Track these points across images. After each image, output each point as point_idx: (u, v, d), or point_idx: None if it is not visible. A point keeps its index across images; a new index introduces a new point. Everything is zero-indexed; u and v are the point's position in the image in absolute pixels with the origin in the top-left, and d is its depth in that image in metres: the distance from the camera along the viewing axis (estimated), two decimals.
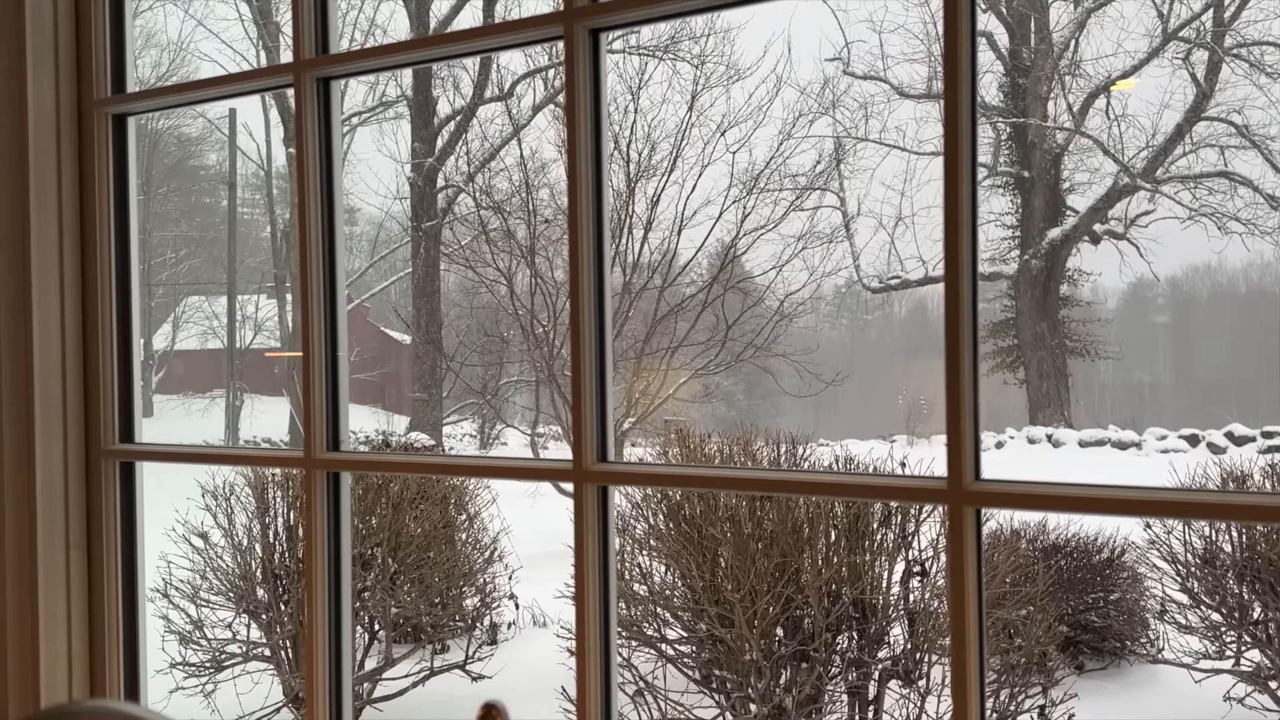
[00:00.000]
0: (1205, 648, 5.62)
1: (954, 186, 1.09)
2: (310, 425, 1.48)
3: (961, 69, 1.09)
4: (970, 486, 1.06)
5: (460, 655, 6.32)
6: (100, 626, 1.68)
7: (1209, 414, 17.42)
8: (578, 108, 1.31)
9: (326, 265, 1.49)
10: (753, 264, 12.82)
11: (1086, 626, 6.31)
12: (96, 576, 1.68)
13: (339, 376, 1.50)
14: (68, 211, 1.67)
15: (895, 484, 1.16)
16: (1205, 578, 5.59)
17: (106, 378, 1.70)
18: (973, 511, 1.06)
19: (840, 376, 13.16)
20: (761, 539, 4.77)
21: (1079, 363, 18.06)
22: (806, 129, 13.08)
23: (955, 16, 1.09)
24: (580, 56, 1.30)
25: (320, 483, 1.48)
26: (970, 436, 1.08)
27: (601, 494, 1.34)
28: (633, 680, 5.06)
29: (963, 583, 1.04)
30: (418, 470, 1.51)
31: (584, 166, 1.31)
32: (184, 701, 5.84)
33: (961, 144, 1.09)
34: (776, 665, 4.72)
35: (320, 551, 1.47)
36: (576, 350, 1.30)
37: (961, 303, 1.08)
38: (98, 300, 1.69)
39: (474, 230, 12.95)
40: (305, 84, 1.49)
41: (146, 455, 1.68)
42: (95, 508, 1.68)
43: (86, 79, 1.67)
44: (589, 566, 1.32)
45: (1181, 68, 16.81)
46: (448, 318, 15.95)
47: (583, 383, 1.31)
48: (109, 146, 1.69)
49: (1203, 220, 16.60)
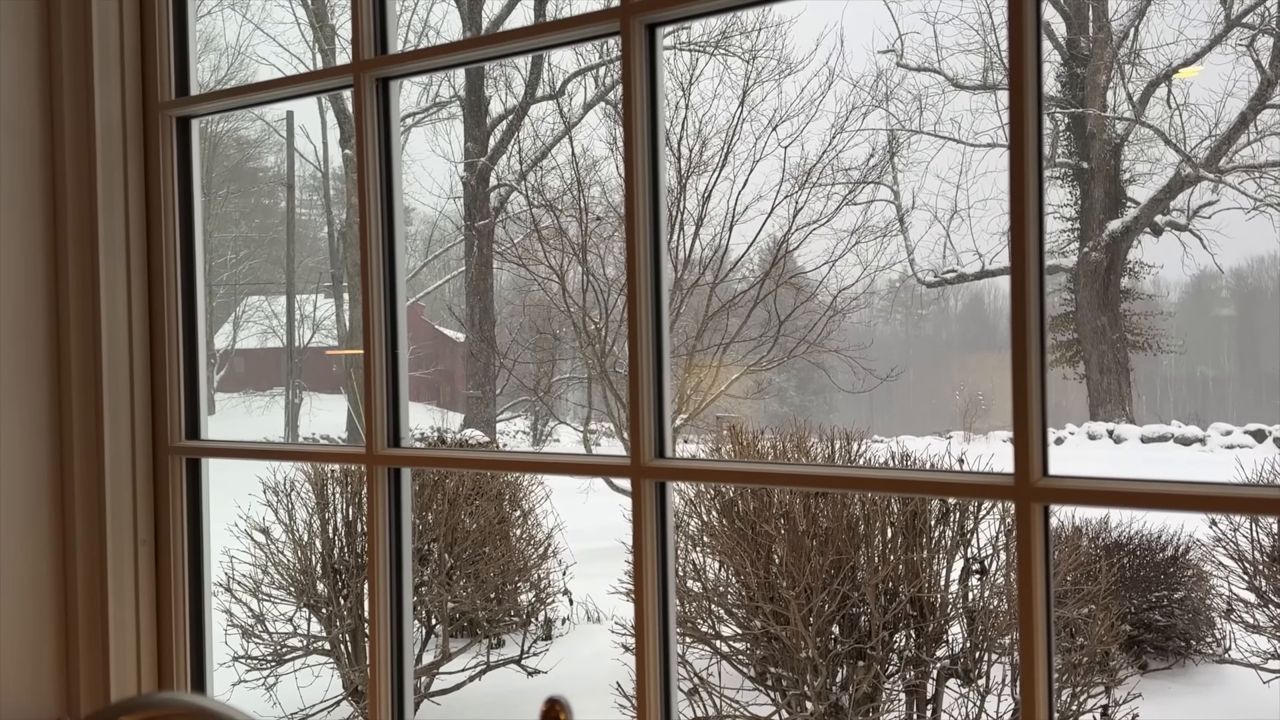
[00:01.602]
0: (1274, 647, 5.49)
1: (1019, 177, 1.07)
2: (371, 422, 1.50)
3: (1027, 58, 1.07)
4: (1038, 483, 1.04)
5: (516, 650, 6.37)
6: (168, 620, 1.71)
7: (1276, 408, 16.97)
8: (635, 103, 1.31)
9: (386, 263, 1.50)
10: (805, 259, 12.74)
11: (1150, 625, 6.19)
12: (164, 571, 1.72)
13: (399, 373, 1.51)
14: (134, 212, 1.71)
15: (961, 480, 1.14)
16: (1274, 576, 5.46)
17: (173, 376, 1.73)
18: (1040, 508, 1.04)
19: (895, 372, 13.03)
20: (816, 536, 4.74)
21: (1141, 357, 17.69)
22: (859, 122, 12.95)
23: (1020, 6, 1.07)
24: (636, 52, 1.30)
25: (382, 478, 1.49)
26: (1038, 431, 1.05)
27: (659, 490, 1.33)
28: (688, 677, 5.06)
29: (1031, 580, 1.02)
30: (478, 466, 1.52)
31: (641, 161, 1.30)
32: (246, 694, 5.96)
33: (1028, 133, 1.07)
34: (833, 663, 4.69)
35: (382, 546, 1.48)
36: (634, 346, 1.30)
37: (1029, 293, 1.06)
38: (164, 299, 1.72)
39: (526, 228, 13.02)
40: (365, 84, 1.51)
41: (211, 452, 1.71)
42: (162, 503, 1.72)
43: (151, 82, 1.70)
44: (648, 563, 1.32)
45: (1245, 54, 16.37)
46: (500, 315, 16.07)
47: (640, 378, 1.31)
48: (174, 148, 1.72)
49: (1268, 210, 16.16)
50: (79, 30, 1.64)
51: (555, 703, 0.81)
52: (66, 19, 1.63)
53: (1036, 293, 1.06)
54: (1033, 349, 1.05)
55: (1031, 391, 1.05)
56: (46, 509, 1.63)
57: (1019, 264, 1.05)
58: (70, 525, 1.64)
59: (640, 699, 1.30)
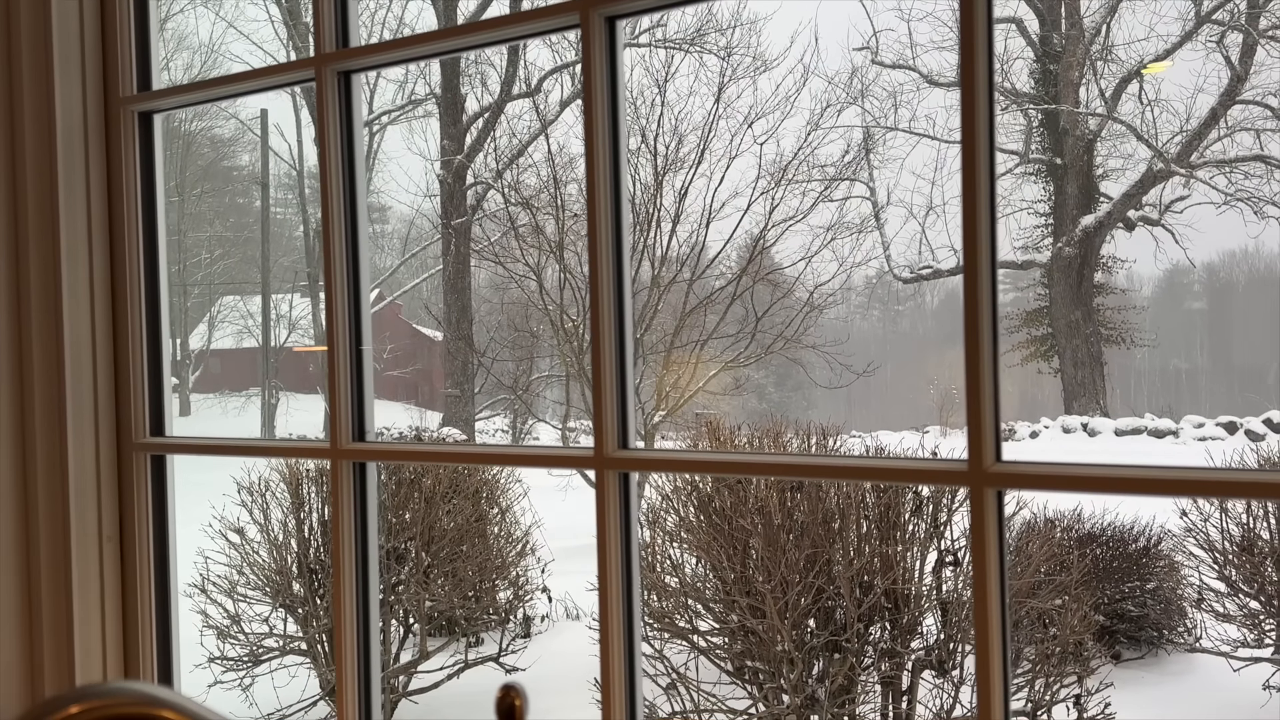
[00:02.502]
0: (1244, 636, 5.56)
1: (971, 170, 1.09)
2: (336, 416, 1.50)
3: (978, 52, 1.09)
4: (991, 468, 1.05)
5: (494, 648, 6.37)
6: (134, 618, 1.71)
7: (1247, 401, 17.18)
8: (595, 97, 1.31)
9: (350, 258, 1.50)
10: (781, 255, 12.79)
11: (1123, 616, 6.25)
12: (129, 568, 1.71)
13: (364, 368, 1.51)
14: (96, 208, 1.70)
15: (916, 467, 1.16)
16: (1243, 565, 5.52)
17: (137, 371, 1.72)
18: (994, 493, 1.05)
19: (872, 367, 13.10)
20: (792, 530, 4.76)
21: (1114, 351, 17.85)
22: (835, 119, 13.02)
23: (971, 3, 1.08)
24: (596, 45, 1.30)
25: (347, 473, 1.49)
26: (990, 418, 1.07)
27: (623, 481, 1.34)
28: (665, 672, 5.07)
29: (984, 564, 1.04)
30: (443, 459, 1.53)
31: (602, 154, 1.31)
32: (222, 695, 5.93)
33: (979, 128, 1.08)
34: (809, 656, 4.71)
35: (347, 541, 1.48)
36: (596, 336, 1.31)
37: (980, 285, 1.08)
38: (127, 295, 1.72)
39: (503, 226, 13.00)
40: (326, 78, 1.51)
41: (176, 448, 1.71)
42: (127, 500, 1.71)
43: (112, 77, 1.70)
44: (611, 554, 1.32)
45: (1215, 51, 16.55)
46: (478, 313, 16.03)
47: (603, 369, 1.32)
48: (135, 144, 1.71)
49: (1239, 205, 16.35)
50: (38, 24, 1.63)
51: (510, 689, 0.81)
52: (25, 12, 1.62)
53: (988, 285, 1.07)
54: (984, 340, 1.06)
55: (984, 381, 1.06)
56: (9, 506, 1.62)
57: (971, 257, 1.06)
58: (33, 523, 1.63)
59: (605, 686, 1.31)
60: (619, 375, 1.33)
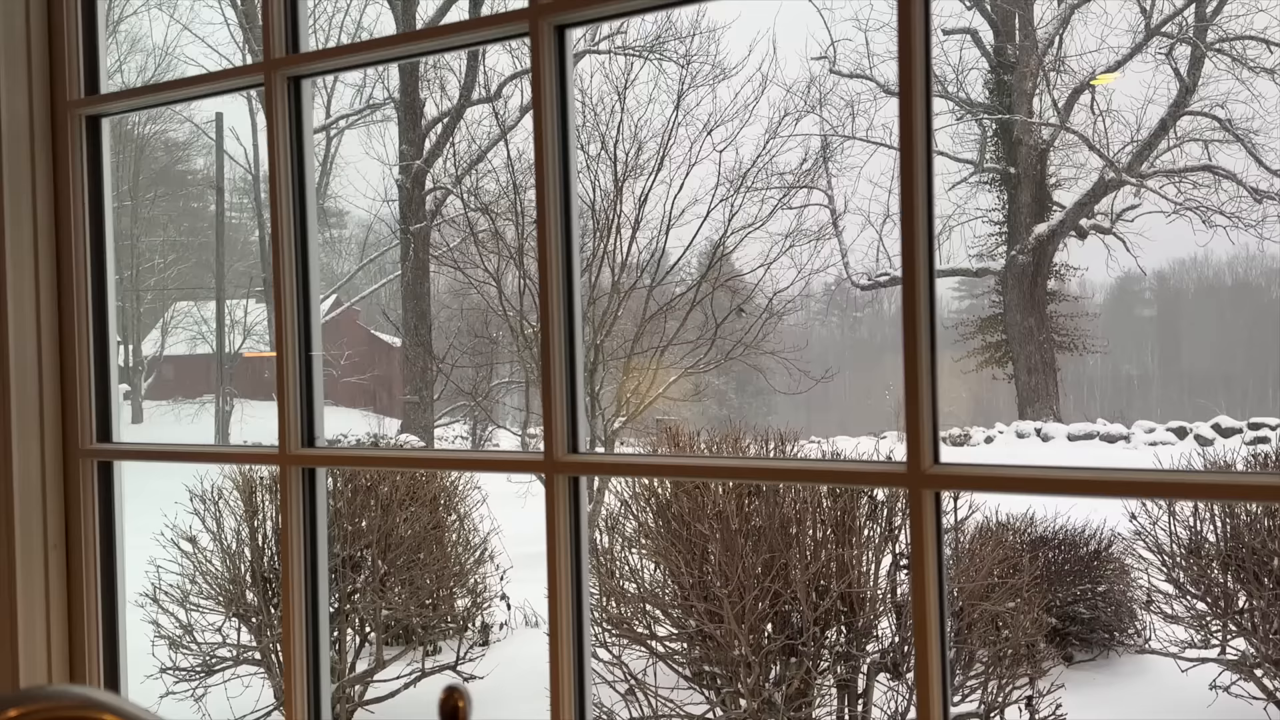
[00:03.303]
0: (1191, 637, 5.66)
1: (909, 177, 1.11)
2: (285, 422, 1.50)
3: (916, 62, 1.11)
4: (929, 470, 1.08)
5: (452, 656, 6.33)
6: (80, 626, 1.69)
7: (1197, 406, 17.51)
8: (544, 104, 1.32)
9: (299, 262, 1.50)
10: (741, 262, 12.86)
11: (1075, 618, 6.35)
12: (76, 575, 1.69)
13: (314, 373, 1.51)
14: (42, 212, 1.68)
15: (856, 469, 1.18)
16: (1190, 567, 5.63)
17: (84, 378, 1.71)
18: (932, 494, 1.08)
19: (830, 373, 13.20)
20: (750, 535, 4.79)
21: (1067, 357, 18.14)
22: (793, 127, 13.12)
23: (909, 12, 1.11)
24: (546, 53, 1.32)
25: (295, 479, 1.49)
26: (929, 422, 1.09)
27: (573, 485, 1.35)
28: (623, 678, 5.08)
29: (923, 563, 1.06)
30: (392, 464, 1.53)
31: (551, 161, 1.32)
32: (175, 706, 5.85)
33: (916, 135, 1.11)
34: (766, 660, 4.74)
35: (297, 546, 1.48)
36: (546, 340, 1.32)
37: (918, 294, 1.10)
38: (74, 301, 1.70)
39: (462, 232, 12.96)
40: (276, 83, 1.50)
41: (123, 454, 1.69)
42: (74, 507, 1.69)
43: (59, 80, 1.68)
44: (561, 558, 1.33)
45: (1165, 62, 16.90)
46: (437, 319, 15.95)
47: (552, 373, 1.33)
48: (83, 148, 1.70)
49: (1188, 214, 16.69)
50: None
51: (453, 690, 0.82)
52: None
53: (925, 293, 1.10)
54: (922, 346, 1.09)
55: (922, 385, 1.09)
56: None
57: (909, 268, 1.09)
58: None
59: (554, 689, 1.32)
60: (569, 380, 1.34)
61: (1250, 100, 16.39)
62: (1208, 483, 0.99)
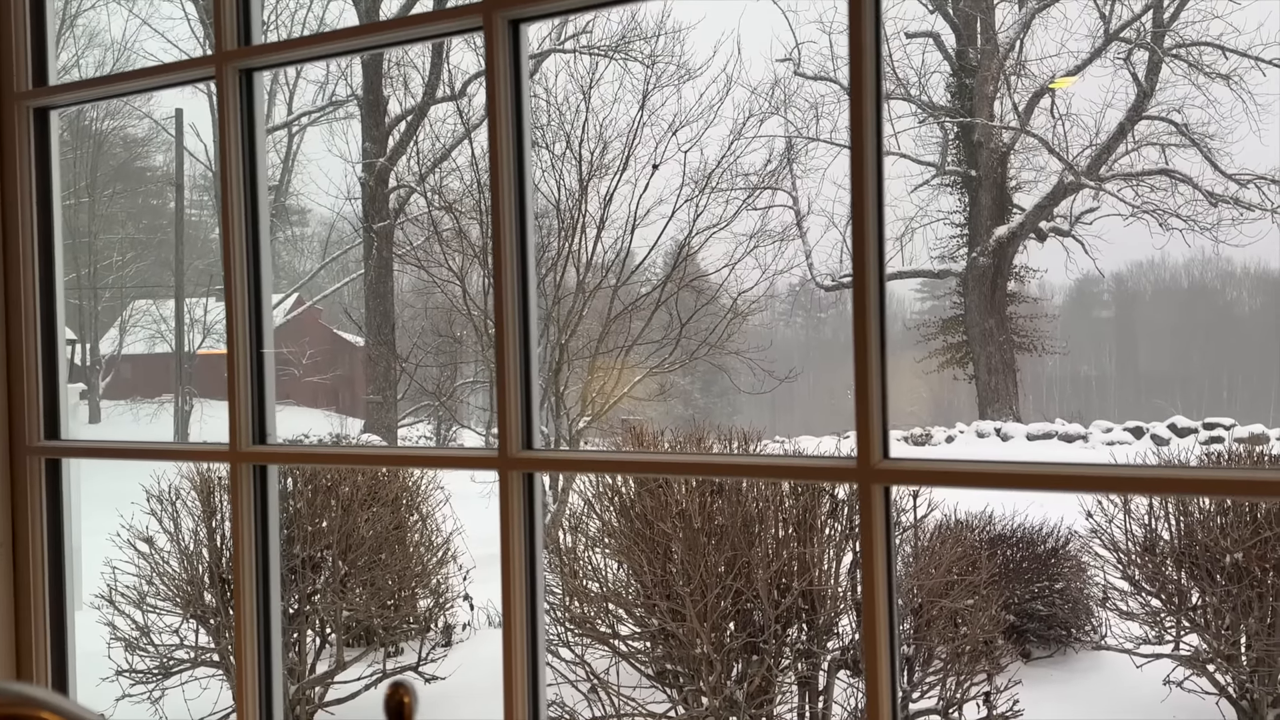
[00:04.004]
0: (1146, 633, 5.75)
1: (859, 180, 1.12)
2: (235, 419, 1.48)
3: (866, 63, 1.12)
4: (878, 464, 1.09)
5: (414, 658, 6.29)
6: (27, 625, 1.66)
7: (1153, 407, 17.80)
8: (499, 98, 1.32)
9: (250, 257, 1.48)
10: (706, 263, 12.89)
11: (1032, 615, 6.43)
12: (23, 574, 1.66)
13: (264, 370, 1.50)
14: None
15: (806, 464, 1.19)
16: (1145, 565, 5.72)
17: (31, 375, 1.68)
18: (881, 489, 1.09)
19: (794, 373, 13.26)
20: (713, 534, 4.80)
21: (1026, 358, 18.37)
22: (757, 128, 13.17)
23: (859, 14, 1.12)
24: (500, 48, 1.31)
25: (246, 476, 1.47)
26: (878, 418, 1.10)
27: (527, 481, 1.35)
28: (586, 677, 5.08)
29: (872, 555, 1.07)
30: (344, 461, 1.52)
31: (506, 154, 1.32)
32: (131, 709, 5.77)
33: (866, 138, 1.12)
34: (728, 658, 4.75)
35: (248, 545, 1.47)
36: (500, 335, 1.31)
37: (868, 291, 1.11)
38: (20, 297, 1.67)
39: (426, 230, 12.88)
40: (227, 76, 1.49)
41: (71, 452, 1.67)
42: (20, 505, 1.66)
43: (6, 72, 1.65)
44: (515, 555, 1.33)
45: (1123, 68, 17.15)
46: (401, 319, 15.85)
47: (507, 370, 1.33)
48: (30, 140, 1.67)
49: (1145, 217, 16.96)
50: None
51: (399, 686, 0.82)
52: None
53: (875, 294, 1.10)
54: (872, 344, 1.10)
55: (872, 383, 1.10)
56: None
57: (859, 266, 1.10)
58: None
59: (507, 687, 1.31)
60: (523, 376, 1.34)
61: (1206, 105, 16.67)
62: (1143, 477, 1.01)
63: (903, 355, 18.16)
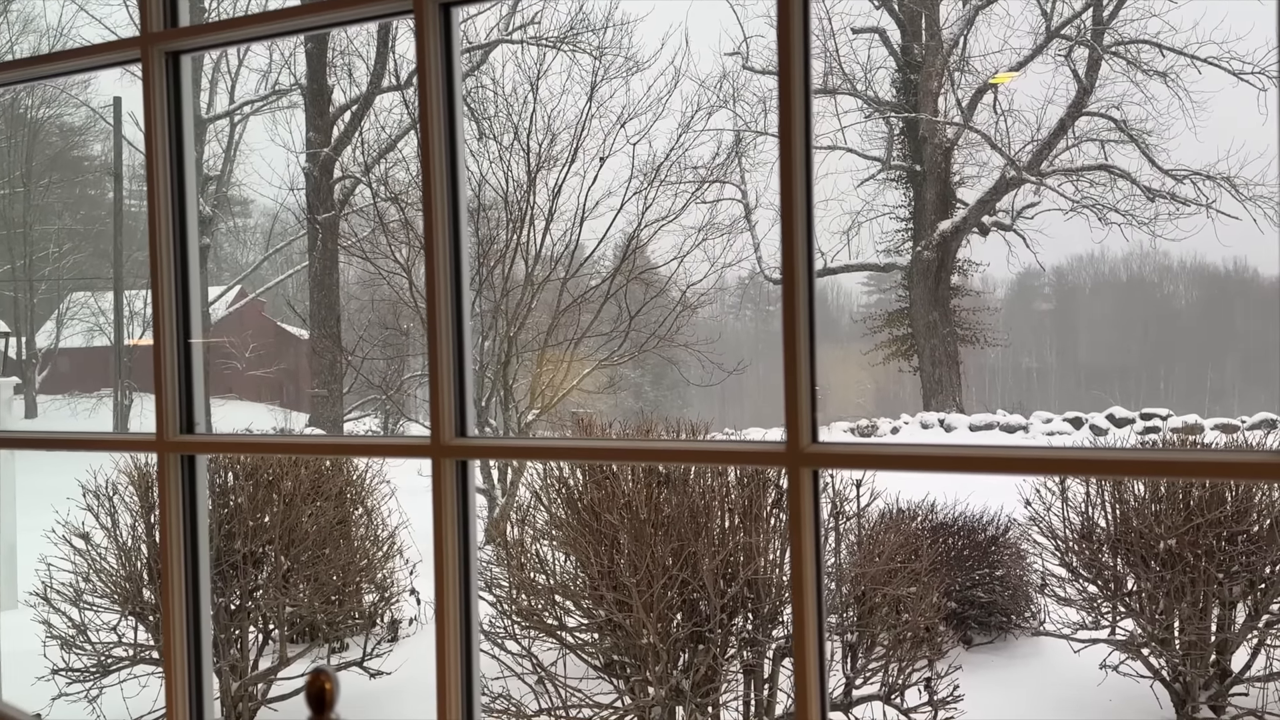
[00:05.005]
0: (1083, 619, 5.86)
1: (788, 172, 1.13)
2: (163, 408, 1.46)
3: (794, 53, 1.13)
4: (806, 449, 1.10)
5: (360, 653, 6.24)
6: None
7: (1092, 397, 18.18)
8: (429, 83, 1.31)
9: (177, 245, 1.46)
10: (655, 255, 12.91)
11: (974, 602, 6.53)
12: None
13: (192, 360, 1.47)
14: None
15: (736, 449, 1.20)
16: (1082, 552, 5.83)
17: None
18: (809, 473, 1.10)
19: (742, 365, 13.34)
20: (659, 525, 4.82)
21: (969, 350, 18.67)
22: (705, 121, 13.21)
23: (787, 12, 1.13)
24: (431, 32, 1.30)
25: (174, 466, 1.45)
26: (806, 402, 1.11)
27: (460, 469, 1.34)
28: (532, 669, 5.06)
29: (800, 538, 1.08)
30: (274, 450, 1.50)
31: (437, 141, 1.31)
32: (68, 708, 5.65)
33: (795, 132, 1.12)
34: (674, 648, 4.77)
35: (176, 533, 1.44)
36: (432, 322, 1.30)
37: (797, 280, 1.12)
38: None
39: (372, 222, 12.75)
40: (153, 59, 1.46)
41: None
42: None
43: None
44: (448, 542, 1.32)
45: (1064, 64, 17.46)
46: (346, 311, 15.68)
47: (439, 356, 1.32)
48: None
49: (1085, 212, 17.30)
50: None
51: (320, 673, 0.81)
52: None
53: (804, 283, 1.11)
54: (800, 331, 1.11)
55: (800, 368, 1.11)
56: None
57: (788, 258, 1.10)
58: None
59: (440, 675, 1.31)
60: (456, 362, 1.33)
61: (1144, 102, 17.04)
62: (1056, 459, 1.03)
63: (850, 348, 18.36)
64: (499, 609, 5.24)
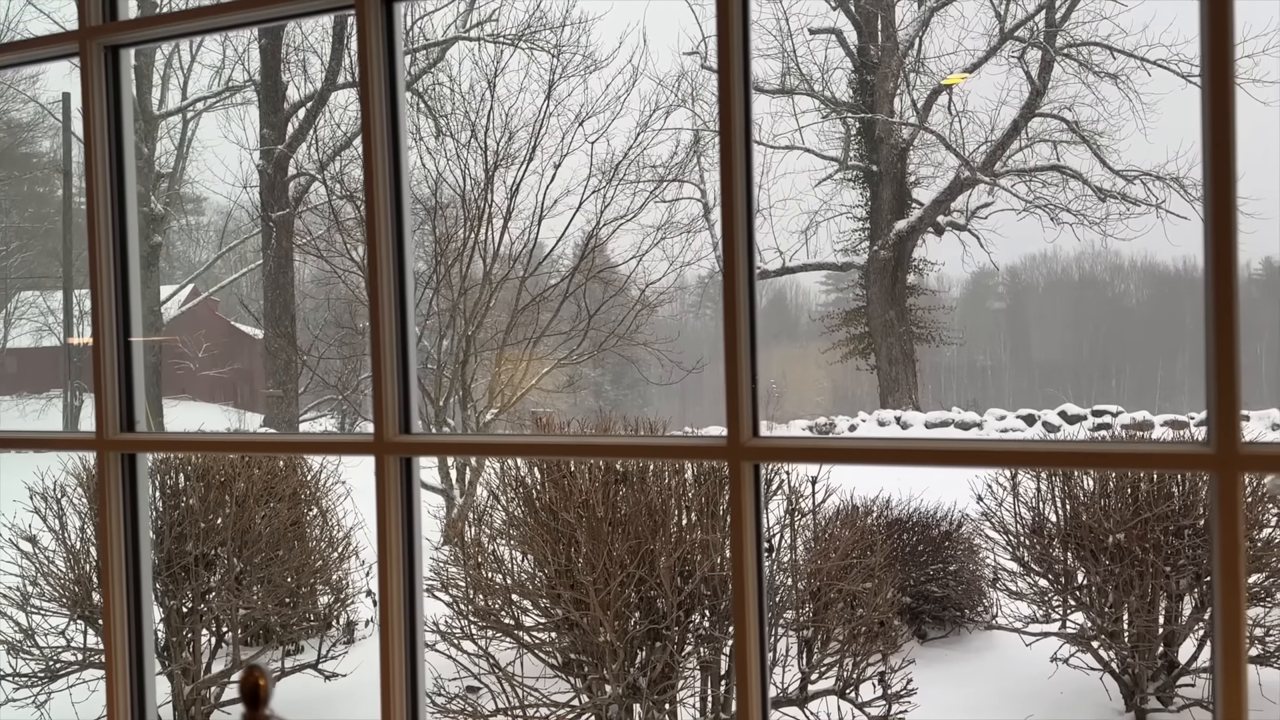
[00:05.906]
0: (1034, 612, 5.95)
1: (729, 168, 1.14)
2: (103, 406, 1.44)
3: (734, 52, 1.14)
4: (748, 443, 1.11)
5: (314, 655, 6.18)
6: None
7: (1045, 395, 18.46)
8: (371, 78, 1.30)
9: (117, 241, 1.44)
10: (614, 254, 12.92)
11: (928, 597, 6.61)
12: None
13: (131, 358, 1.45)
14: None
15: (680, 444, 1.20)
16: (1034, 546, 5.91)
17: None
18: (750, 466, 1.11)
19: (700, 364, 13.39)
20: (617, 524, 4.82)
21: (925, 348, 18.88)
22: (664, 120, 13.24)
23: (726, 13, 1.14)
24: (373, 25, 1.30)
25: (114, 465, 1.43)
26: (747, 397, 1.12)
27: (404, 466, 1.34)
28: (489, 669, 5.05)
29: (742, 531, 1.09)
30: (217, 449, 1.49)
31: (379, 136, 1.30)
32: (15, 714, 5.55)
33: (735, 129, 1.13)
34: (631, 646, 4.78)
35: (116, 533, 1.42)
36: (375, 318, 1.30)
37: (737, 276, 1.13)
38: None
39: (327, 220, 12.64)
40: (92, 52, 1.44)
41: None
42: None
43: None
44: (391, 540, 1.32)
45: (1017, 66, 17.71)
46: (301, 310, 15.52)
47: (382, 352, 1.31)
48: None
49: (1037, 212, 17.56)
50: None
51: (254, 669, 0.81)
52: None
53: (745, 278, 1.12)
54: (741, 326, 1.12)
55: (741, 362, 1.12)
56: None
57: (729, 253, 1.11)
58: None
59: (384, 671, 1.30)
60: (400, 359, 1.33)
61: (1095, 103, 17.32)
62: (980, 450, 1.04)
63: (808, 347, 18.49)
64: (455, 609, 5.21)
